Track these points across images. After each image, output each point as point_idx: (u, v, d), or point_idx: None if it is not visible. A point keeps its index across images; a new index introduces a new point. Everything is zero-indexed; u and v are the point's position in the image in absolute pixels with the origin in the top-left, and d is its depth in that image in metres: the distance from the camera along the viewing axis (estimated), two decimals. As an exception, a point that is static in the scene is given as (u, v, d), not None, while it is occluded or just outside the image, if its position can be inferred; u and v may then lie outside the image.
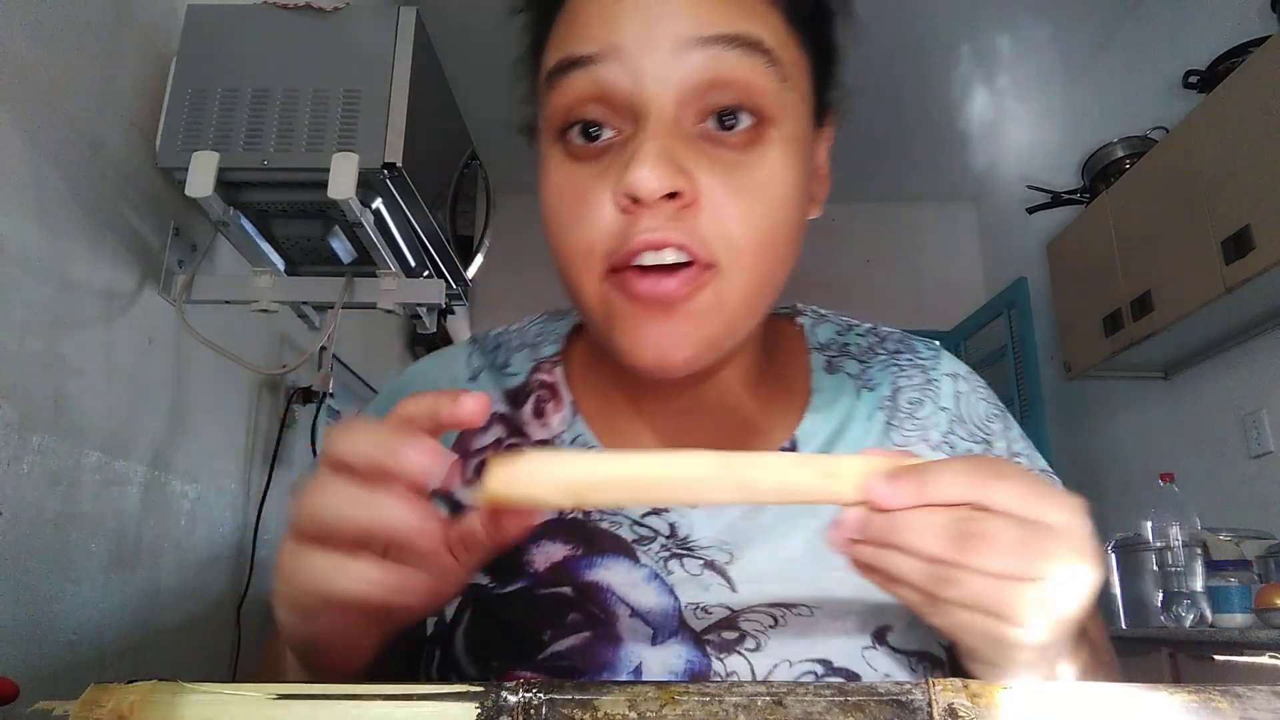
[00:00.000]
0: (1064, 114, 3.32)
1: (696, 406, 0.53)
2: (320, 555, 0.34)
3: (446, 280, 1.57)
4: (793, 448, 0.53)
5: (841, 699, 0.30)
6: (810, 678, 0.47)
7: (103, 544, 1.25)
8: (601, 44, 0.43)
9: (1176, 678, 1.98)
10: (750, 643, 0.48)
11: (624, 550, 0.50)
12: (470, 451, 0.55)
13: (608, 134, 0.45)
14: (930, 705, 0.29)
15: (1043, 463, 0.57)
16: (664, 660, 0.47)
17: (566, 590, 0.49)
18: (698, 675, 0.47)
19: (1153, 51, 2.76)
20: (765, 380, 0.55)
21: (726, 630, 0.48)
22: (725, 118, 0.43)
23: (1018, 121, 3.52)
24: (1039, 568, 0.32)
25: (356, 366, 2.36)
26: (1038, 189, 2.97)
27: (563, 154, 0.46)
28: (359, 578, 0.33)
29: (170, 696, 0.30)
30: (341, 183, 1.23)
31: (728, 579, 0.49)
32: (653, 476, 0.34)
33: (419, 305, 1.47)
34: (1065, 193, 2.89)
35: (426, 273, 1.56)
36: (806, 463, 0.36)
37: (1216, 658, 1.84)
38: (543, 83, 0.47)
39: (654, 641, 0.48)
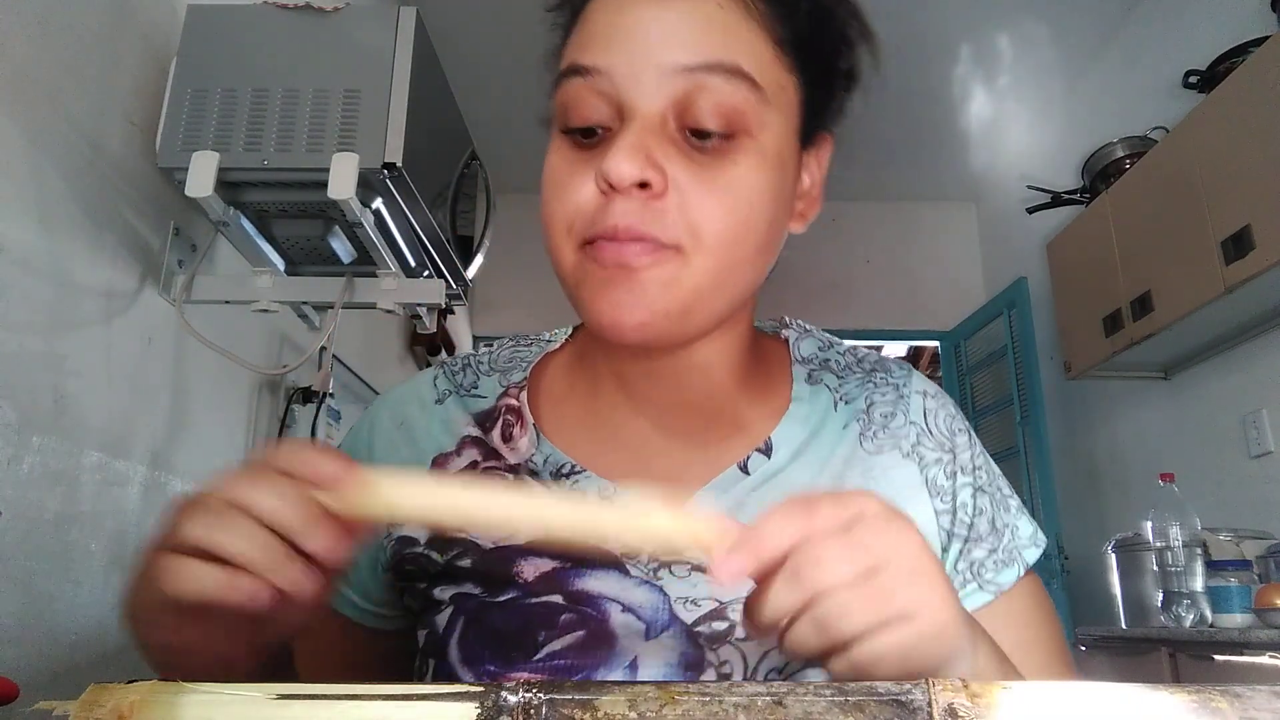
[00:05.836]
0: (1064, 114, 3.32)
1: (671, 414, 0.55)
2: (203, 566, 0.37)
3: (446, 280, 1.57)
4: (768, 449, 0.55)
5: (841, 699, 0.30)
6: (800, 662, 0.49)
7: (103, 544, 1.25)
8: (599, 61, 0.48)
9: (1176, 678, 1.98)
10: (740, 631, 0.50)
11: (613, 563, 0.52)
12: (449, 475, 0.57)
13: (602, 133, 0.49)
14: (930, 705, 0.29)
15: (1002, 481, 0.60)
16: (658, 654, 0.49)
17: (557, 598, 0.51)
18: (691, 665, 0.49)
19: (1153, 51, 2.76)
20: (748, 387, 0.58)
21: (716, 621, 0.50)
22: (705, 124, 0.47)
23: (1017, 121, 3.52)
24: (878, 546, 0.36)
25: (356, 366, 2.36)
26: (1038, 189, 2.96)
27: (565, 141, 0.51)
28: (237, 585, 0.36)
29: (170, 696, 0.30)
30: (341, 183, 1.23)
31: None
32: (489, 508, 0.38)
33: (419, 305, 1.47)
34: (1065, 193, 2.89)
35: (426, 273, 1.56)
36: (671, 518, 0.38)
37: (1216, 658, 1.84)
38: (556, 79, 0.52)
39: (647, 636, 0.50)
